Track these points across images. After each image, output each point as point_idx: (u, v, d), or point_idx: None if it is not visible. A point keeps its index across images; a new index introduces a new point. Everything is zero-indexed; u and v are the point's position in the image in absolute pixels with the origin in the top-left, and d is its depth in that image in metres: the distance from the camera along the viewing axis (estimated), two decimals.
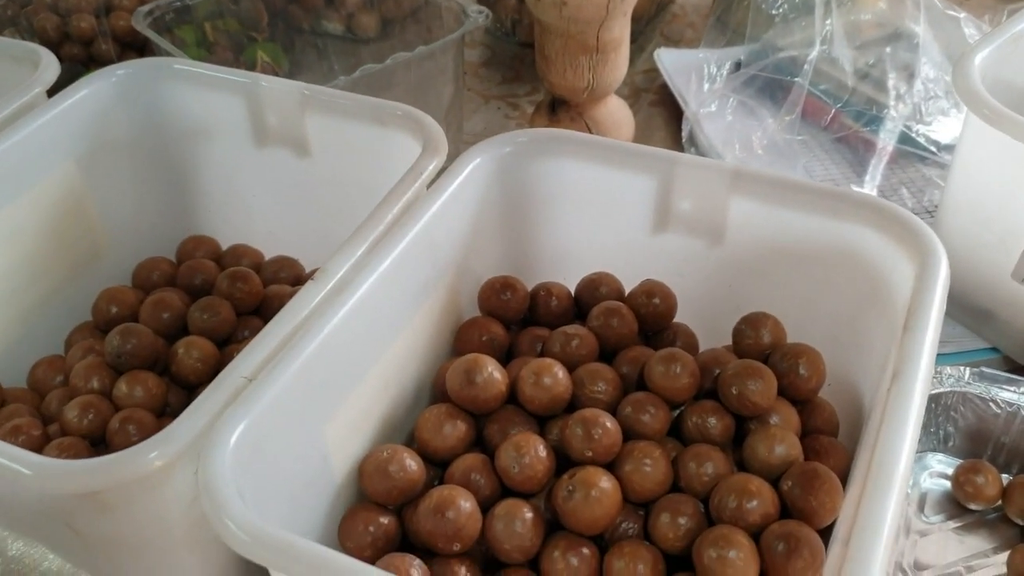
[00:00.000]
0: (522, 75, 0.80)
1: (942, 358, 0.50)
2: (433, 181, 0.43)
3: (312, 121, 0.49)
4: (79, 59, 0.76)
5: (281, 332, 0.35)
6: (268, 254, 0.56)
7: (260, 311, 0.52)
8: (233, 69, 0.50)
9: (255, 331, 0.49)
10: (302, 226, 0.54)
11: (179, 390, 0.48)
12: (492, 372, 0.40)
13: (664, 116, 0.70)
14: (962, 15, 0.59)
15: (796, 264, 0.43)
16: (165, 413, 0.46)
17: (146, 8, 0.65)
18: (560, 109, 0.66)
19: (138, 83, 0.51)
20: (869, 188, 0.58)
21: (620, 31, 0.62)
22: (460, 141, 0.68)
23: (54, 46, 0.76)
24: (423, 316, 0.42)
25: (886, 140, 0.59)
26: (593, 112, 0.65)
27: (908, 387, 0.32)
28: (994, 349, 0.50)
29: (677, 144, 0.67)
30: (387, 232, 0.40)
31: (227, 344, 0.49)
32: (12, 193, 0.47)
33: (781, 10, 0.66)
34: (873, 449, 0.30)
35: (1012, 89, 0.49)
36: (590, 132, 0.65)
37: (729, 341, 0.44)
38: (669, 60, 0.72)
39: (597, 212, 0.46)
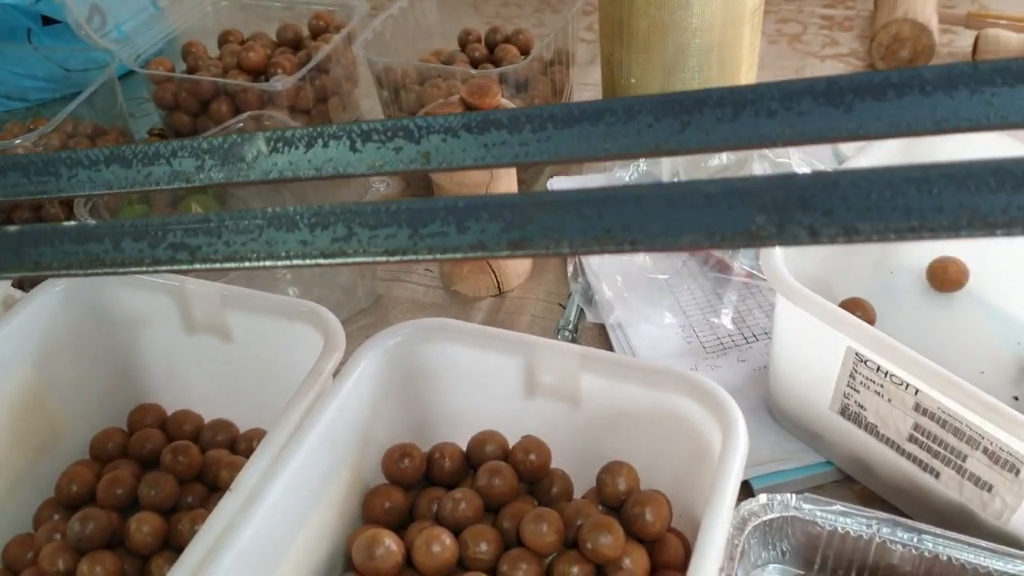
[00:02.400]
0: None
1: (786, 473, 0.58)
2: (339, 369, 0.52)
3: (231, 314, 0.57)
4: (30, 222, 0.84)
5: (203, 547, 0.43)
6: (208, 416, 0.64)
7: (201, 477, 0.59)
8: (163, 274, 0.58)
9: (198, 496, 0.58)
10: (234, 394, 0.61)
11: (135, 560, 0.55)
12: (389, 545, 0.48)
13: None
14: (793, 158, 0.68)
15: (640, 425, 0.51)
16: None
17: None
18: None
19: (80, 288, 0.59)
20: (728, 312, 0.67)
21: (507, 184, 0.70)
22: (375, 280, 0.76)
23: (6, 211, 0.84)
24: (328, 500, 0.50)
25: (740, 265, 0.68)
26: None
27: (705, 549, 0.41)
28: (829, 462, 0.58)
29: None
30: (292, 437, 0.48)
31: (175, 512, 0.57)
32: None
33: None
34: None
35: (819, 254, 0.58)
36: (491, 269, 0.74)
37: None
38: (559, 188, 0.80)
39: (479, 383, 0.54)
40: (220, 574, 0.42)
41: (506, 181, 0.69)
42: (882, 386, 0.50)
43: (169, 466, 0.58)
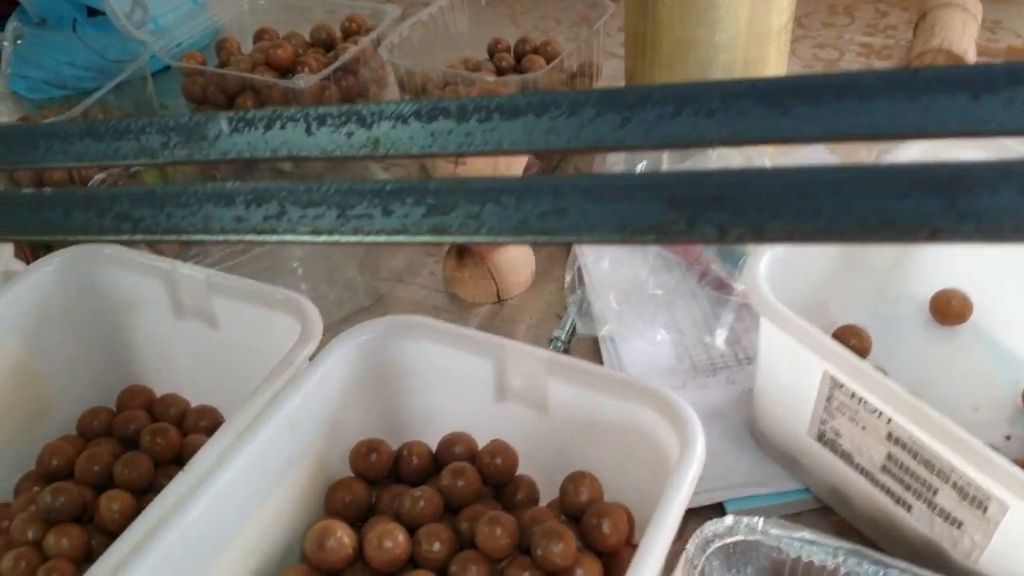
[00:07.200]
0: None
1: (761, 498, 0.57)
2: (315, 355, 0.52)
3: (217, 300, 0.58)
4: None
5: (148, 522, 0.43)
6: (195, 400, 0.64)
7: (179, 460, 0.60)
8: (154, 256, 0.59)
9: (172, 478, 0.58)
10: (219, 380, 0.62)
11: (103, 536, 0.56)
12: (341, 537, 0.48)
13: (565, 254, 0.78)
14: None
15: (607, 436, 0.50)
16: (91, 558, 0.55)
17: (100, 176, 0.74)
18: (465, 254, 0.74)
19: (75, 265, 0.60)
20: (723, 333, 0.65)
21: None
22: (378, 280, 0.77)
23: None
24: (287, 488, 0.50)
25: (739, 285, 0.67)
26: (494, 257, 0.73)
27: (647, 552, 0.40)
28: (806, 489, 0.57)
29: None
30: (254, 422, 0.48)
31: (148, 492, 0.58)
32: None
33: None
34: None
35: (806, 273, 0.56)
36: (492, 276, 0.73)
37: None
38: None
39: (450, 383, 0.54)
40: (160, 551, 0.42)
41: (514, 170, 0.69)
42: (856, 412, 0.49)
43: (147, 447, 0.59)
